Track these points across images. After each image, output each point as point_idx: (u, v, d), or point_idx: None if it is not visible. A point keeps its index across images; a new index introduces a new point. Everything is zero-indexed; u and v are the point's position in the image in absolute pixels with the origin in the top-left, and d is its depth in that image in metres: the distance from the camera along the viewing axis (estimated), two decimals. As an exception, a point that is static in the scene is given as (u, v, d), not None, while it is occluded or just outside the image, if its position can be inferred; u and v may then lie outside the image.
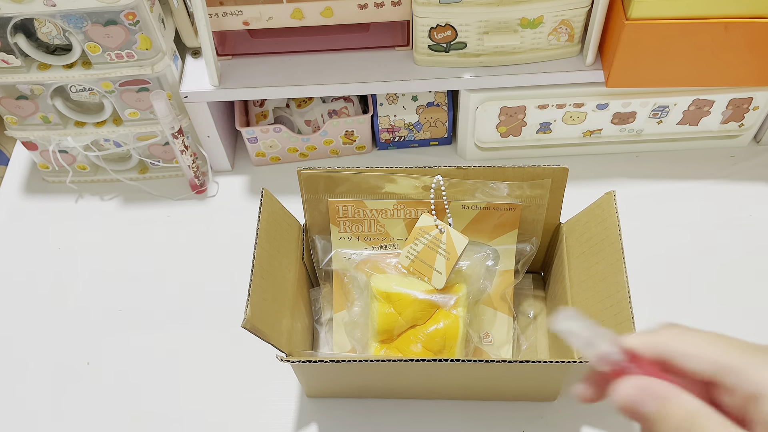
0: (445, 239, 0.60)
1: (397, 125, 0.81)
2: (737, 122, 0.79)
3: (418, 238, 0.61)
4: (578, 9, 0.68)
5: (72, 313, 0.73)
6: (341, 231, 0.64)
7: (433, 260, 0.60)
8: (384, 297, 0.60)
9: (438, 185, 0.59)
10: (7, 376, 0.69)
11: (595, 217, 0.58)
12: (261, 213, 0.56)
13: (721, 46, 0.67)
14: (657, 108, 0.77)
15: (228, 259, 0.76)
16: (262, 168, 0.85)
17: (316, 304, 0.67)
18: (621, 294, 0.52)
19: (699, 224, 0.76)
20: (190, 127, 0.78)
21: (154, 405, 0.66)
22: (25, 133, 0.77)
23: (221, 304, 0.72)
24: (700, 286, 0.71)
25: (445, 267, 0.60)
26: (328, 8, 0.69)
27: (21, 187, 0.85)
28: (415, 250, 0.62)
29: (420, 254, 0.61)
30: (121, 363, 0.69)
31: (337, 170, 0.60)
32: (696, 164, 0.81)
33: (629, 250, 0.57)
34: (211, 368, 0.68)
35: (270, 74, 0.74)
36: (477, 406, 0.64)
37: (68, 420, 0.65)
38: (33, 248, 0.79)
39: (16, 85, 0.72)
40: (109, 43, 0.67)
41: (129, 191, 0.83)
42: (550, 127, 0.79)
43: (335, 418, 0.64)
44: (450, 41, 0.70)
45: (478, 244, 0.64)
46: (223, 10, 0.69)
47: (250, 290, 0.51)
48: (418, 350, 0.59)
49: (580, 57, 0.73)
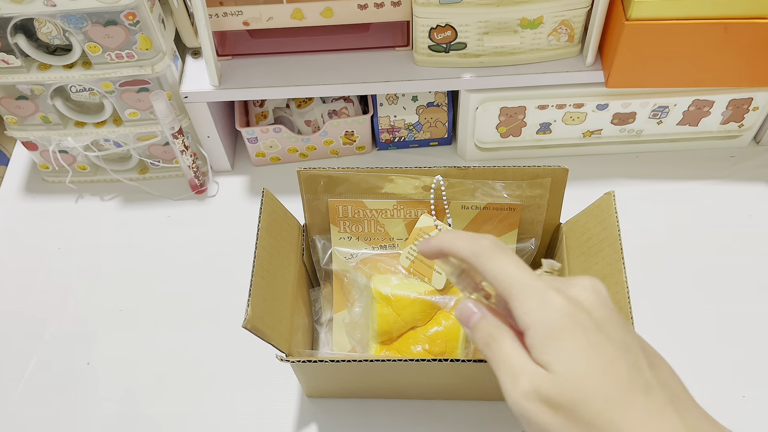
0: (445, 239, 0.60)
1: (397, 125, 0.81)
2: (737, 123, 0.80)
3: (417, 239, 0.62)
4: (578, 9, 0.68)
5: (72, 313, 0.73)
6: (341, 231, 0.64)
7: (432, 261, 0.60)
8: (383, 298, 0.60)
9: (438, 185, 0.59)
10: (7, 376, 0.69)
11: (595, 218, 0.58)
12: (262, 213, 0.56)
13: (721, 47, 0.67)
14: (657, 108, 0.77)
15: (228, 259, 0.76)
16: (262, 168, 0.85)
17: (316, 305, 0.67)
18: (620, 294, 0.52)
19: (699, 224, 0.76)
20: (190, 127, 0.78)
21: (154, 405, 0.66)
22: (25, 133, 0.77)
23: (221, 304, 0.72)
24: (700, 286, 0.71)
25: (445, 267, 0.60)
26: (328, 8, 0.69)
27: (21, 187, 0.85)
28: (415, 251, 0.62)
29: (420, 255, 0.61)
30: (121, 363, 0.69)
31: (337, 170, 0.60)
32: (696, 164, 0.81)
33: (629, 250, 0.57)
34: (211, 368, 0.68)
35: (270, 74, 0.74)
36: (477, 406, 0.64)
37: (68, 420, 0.65)
38: (33, 248, 0.79)
39: (16, 86, 0.72)
40: (110, 44, 0.67)
41: (129, 191, 0.83)
42: (550, 127, 0.79)
43: (335, 418, 0.64)
44: (450, 41, 0.70)
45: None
46: (223, 11, 0.69)
47: (251, 290, 0.51)
48: (418, 352, 0.59)
49: (580, 57, 0.73)
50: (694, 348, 0.66)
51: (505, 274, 0.38)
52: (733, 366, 0.65)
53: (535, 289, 0.37)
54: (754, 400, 0.63)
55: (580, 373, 0.35)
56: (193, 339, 0.70)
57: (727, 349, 0.66)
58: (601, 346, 0.35)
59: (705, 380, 0.62)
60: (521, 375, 0.36)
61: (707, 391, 0.37)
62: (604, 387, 0.35)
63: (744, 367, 0.65)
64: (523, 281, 0.37)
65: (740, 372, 0.65)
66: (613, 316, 0.37)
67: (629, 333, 0.37)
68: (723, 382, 0.64)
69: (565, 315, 0.36)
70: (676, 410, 0.34)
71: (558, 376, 0.35)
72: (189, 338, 0.70)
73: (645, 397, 0.34)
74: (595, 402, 0.34)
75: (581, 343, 0.35)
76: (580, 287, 0.37)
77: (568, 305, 0.36)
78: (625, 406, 0.34)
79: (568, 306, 0.36)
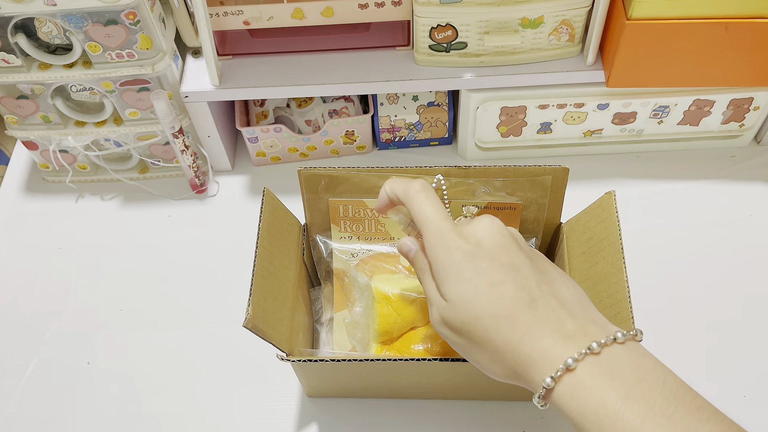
0: (445, 239, 0.60)
1: (398, 125, 0.81)
2: (738, 122, 0.79)
3: (418, 238, 0.61)
4: (579, 9, 0.68)
5: (72, 313, 0.73)
6: (342, 231, 0.64)
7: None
8: (384, 298, 0.60)
9: (438, 185, 0.59)
10: (7, 376, 0.69)
11: (596, 217, 0.58)
12: (262, 212, 0.56)
13: (722, 46, 0.67)
14: (658, 108, 0.77)
15: (228, 258, 0.76)
16: (262, 168, 0.85)
17: (316, 304, 0.67)
18: (621, 294, 0.52)
19: (699, 224, 0.76)
20: (191, 126, 0.78)
21: (155, 405, 0.66)
22: (25, 132, 0.77)
23: (221, 304, 0.72)
24: (700, 286, 0.71)
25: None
26: (329, 8, 0.69)
27: (21, 187, 0.85)
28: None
29: None
30: (121, 363, 0.69)
31: (338, 170, 0.60)
32: (696, 164, 0.81)
33: (629, 250, 0.57)
34: (211, 368, 0.68)
35: (270, 74, 0.74)
36: (477, 406, 0.64)
37: (68, 420, 0.65)
38: (33, 248, 0.79)
39: (16, 85, 0.72)
40: (110, 43, 0.67)
41: (129, 191, 0.83)
42: (551, 127, 0.79)
43: (335, 418, 0.64)
44: (451, 41, 0.70)
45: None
46: (223, 10, 0.69)
47: (252, 290, 0.51)
48: (419, 351, 0.59)
49: (581, 57, 0.73)
50: (694, 347, 0.66)
51: (421, 213, 0.43)
52: (734, 366, 0.65)
53: (437, 228, 0.42)
54: (755, 400, 0.63)
55: (467, 297, 0.40)
56: (193, 338, 0.70)
57: (727, 348, 0.66)
58: (487, 272, 0.40)
59: (705, 380, 0.62)
60: (433, 305, 0.43)
61: (708, 391, 0.37)
62: (489, 306, 0.40)
63: (744, 367, 0.65)
64: (432, 220, 0.43)
65: (741, 372, 0.65)
66: (504, 243, 0.41)
67: (521, 257, 0.41)
68: (723, 381, 0.64)
69: (456, 249, 0.41)
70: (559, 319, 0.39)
71: (451, 303, 0.41)
72: (189, 338, 0.70)
73: (530, 310, 0.39)
74: (483, 320, 0.40)
75: (468, 271, 0.40)
76: (477, 222, 0.42)
77: (459, 241, 0.41)
78: (510, 319, 0.39)
79: (460, 242, 0.41)
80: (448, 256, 0.41)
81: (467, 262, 0.41)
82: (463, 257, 0.41)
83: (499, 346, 0.39)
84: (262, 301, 0.52)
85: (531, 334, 0.38)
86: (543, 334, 0.38)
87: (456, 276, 0.41)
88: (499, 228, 0.42)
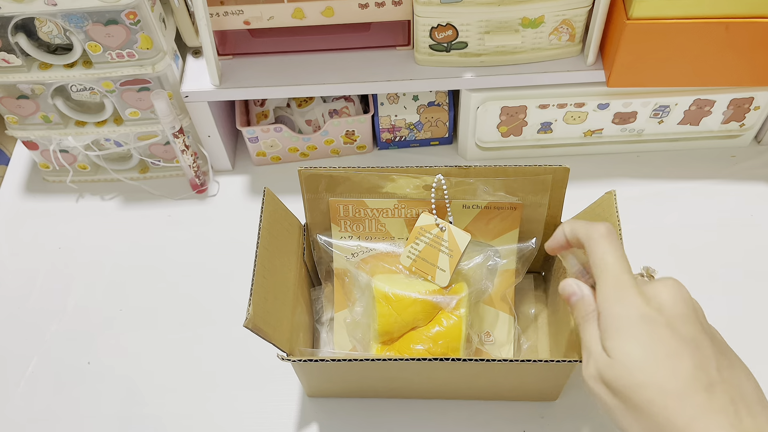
0: (446, 237, 0.60)
1: (398, 125, 0.81)
2: (738, 122, 0.79)
3: (418, 238, 0.61)
4: (579, 9, 0.68)
5: (72, 313, 0.73)
6: (342, 230, 0.64)
7: (435, 258, 0.60)
8: (385, 298, 0.60)
9: (439, 184, 0.59)
10: (7, 376, 0.69)
11: (596, 217, 0.58)
12: (263, 212, 0.56)
13: (723, 46, 0.67)
14: (658, 108, 0.77)
15: (229, 258, 0.76)
16: (262, 167, 0.85)
17: (316, 304, 0.67)
18: (622, 293, 0.52)
19: (699, 224, 0.76)
20: (191, 126, 0.78)
21: (155, 405, 0.66)
22: (25, 132, 0.77)
23: (222, 304, 0.72)
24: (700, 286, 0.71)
25: (448, 264, 0.60)
26: (329, 8, 0.69)
27: (21, 187, 0.85)
28: (416, 250, 0.62)
29: (422, 253, 0.61)
30: (121, 363, 0.69)
31: (338, 170, 0.60)
32: (696, 164, 0.81)
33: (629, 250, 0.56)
34: (211, 367, 0.68)
35: (271, 74, 0.74)
36: (477, 405, 0.64)
37: (69, 420, 0.65)
38: (33, 248, 0.79)
39: (16, 85, 0.72)
40: (110, 43, 0.67)
41: (129, 191, 0.83)
42: (551, 126, 0.79)
43: (335, 418, 0.64)
44: (451, 41, 0.70)
45: (479, 244, 0.64)
46: (224, 10, 0.69)
47: (252, 289, 0.51)
48: (419, 351, 0.59)
49: (581, 57, 0.73)
50: (695, 347, 0.66)
51: (601, 260, 0.41)
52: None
53: (617, 281, 0.40)
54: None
55: (636, 360, 0.37)
56: (193, 338, 0.70)
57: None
58: (665, 340, 0.37)
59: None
60: (591, 357, 0.40)
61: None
62: (660, 377, 0.36)
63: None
64: (613, 270, 0.40)
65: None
66: (688, 315, 0.38)
67: (702, 333, 0.38)
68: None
69: (634, 308, 0.38)
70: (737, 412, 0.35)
71: (616, 362, 0.38)
72: (189, 337, 0.70)
73: (706, 394, 0.35)
74: (650, 390, 0.36)
75: (644, 334, 0.37)
76: (660, 285, 0.40)
77: (639, 300, 0.38)
78: (681, 398, 0.35)
79: (640, 301, 0.38)
80: (624, 312, 0.38)
81: (644, 324, 0.38)
82: (639, 318, 0.38)
83: (660, 422, 0.36)
84: (262, 300, 0.52)
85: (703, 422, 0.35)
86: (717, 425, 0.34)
87: (628, 334, 0.38)
88: (684, 296, 0.39)
